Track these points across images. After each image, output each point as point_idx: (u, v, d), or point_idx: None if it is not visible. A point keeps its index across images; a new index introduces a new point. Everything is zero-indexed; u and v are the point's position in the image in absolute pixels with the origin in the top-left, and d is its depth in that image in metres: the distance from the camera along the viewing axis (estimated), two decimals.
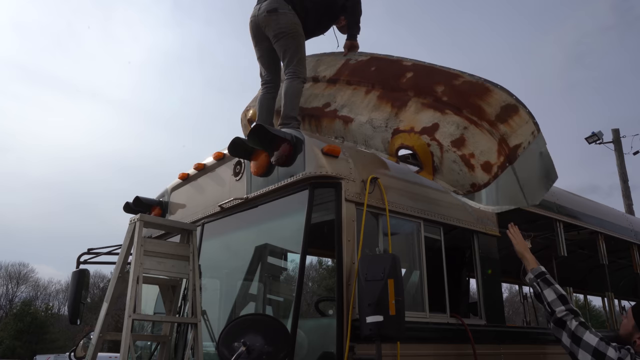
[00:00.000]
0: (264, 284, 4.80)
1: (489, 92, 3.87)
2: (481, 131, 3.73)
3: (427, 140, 3.79)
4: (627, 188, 16.27)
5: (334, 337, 3.18)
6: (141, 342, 4.89)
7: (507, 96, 3.85)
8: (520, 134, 3.75)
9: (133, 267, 3.54)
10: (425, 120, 3.88)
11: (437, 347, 3.73)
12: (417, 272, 3.88)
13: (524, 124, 3.77)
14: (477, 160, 3.66)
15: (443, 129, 3.76)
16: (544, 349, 4.61)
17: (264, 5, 4.65)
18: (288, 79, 4.60)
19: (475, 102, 3.83)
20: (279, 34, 4.60)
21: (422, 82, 4.16)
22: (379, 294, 2.91)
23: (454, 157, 3.68)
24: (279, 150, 3.63)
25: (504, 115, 3.77)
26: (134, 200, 5.05)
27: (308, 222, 3.37)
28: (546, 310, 3.45)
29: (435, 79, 4.13)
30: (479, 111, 3.79)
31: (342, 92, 4.62)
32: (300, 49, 4.70)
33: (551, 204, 5.26)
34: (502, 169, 3.68)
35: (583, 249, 6.59)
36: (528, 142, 3.73)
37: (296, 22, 4.64)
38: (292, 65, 4.60)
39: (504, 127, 3.75)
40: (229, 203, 4.14)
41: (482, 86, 3.93)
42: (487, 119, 3.76)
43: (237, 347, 2.89)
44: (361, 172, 3.63)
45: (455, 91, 3.96)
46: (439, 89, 4.01)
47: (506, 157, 3.70)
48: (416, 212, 3.85)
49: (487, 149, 3.69)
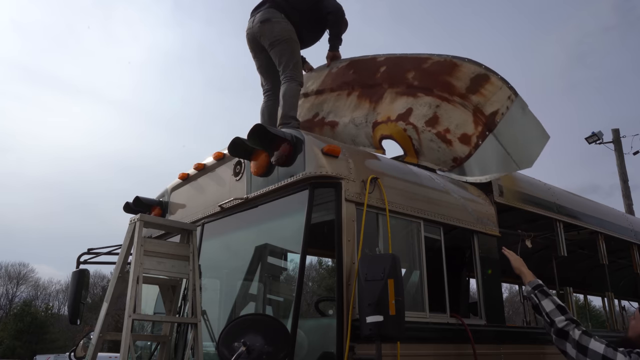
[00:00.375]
0: (264, 284, 4.80)
1: (457, 67, 3.96)
2: (453, 106, 3.83)
3: (403, 126, 3.95)
4: (627, 188, 16.27)
5: (334, 337, 3.18)
6: (141, 342, 4.89)
7: (475, 67, 3.91)
8: (495, 101, 3.77)
9: (133, 267, 3.54)
10: (399, 107, 4.03)
11: (437, 347, 3.73)
12: (417, 272, 3.88)
13: (497, 91, 3.79)
14: (454, 135, 3.76)
15: (416, 111, 3.89)
16: (544, 349, 4.61)
17: (258, 17, 4.83)
18: (285, 82, 4.71)
19: (445, 79, 3.93)
20: (274, 42, 4.75)
21: (395, 72, 4.32)
22: (379, 294, 2.91)
23: (430, 136, 3.82)
24: (279, 150, 3.63)
25: (474, 86, 3.83)
26: (134, 200, 5.05)
27: (308, 222, 3.36)
28: (545, 321, 3.42)
29: (406, 66, 4.27)
30: (449, 87, 3.89)
31: (327, 100, 4.82)
32: (295, 54, 4.83)
33: (551, 204, 5.26)
34: (482, 138, 3.74)
35: (583, 249, 6.59)
36: (506, 107, 3.76)
37: (290, 29, 4.79)
38: (289, 69, 4.73)
39: (476, 97, 3.81)
40: (229, 203, 4.14)
41: (449, 63, 4.03)
42: (458, 92, 3.85)
43: (237, 347, 2.89)
44: (361, 172, 3.63)
45: (425, 73, 4.08)
46: (410, 75, 4.15)
47: (484, 126, 3.75)
48: (416, 212, 3.85)
49: (461, 121, 3.77)
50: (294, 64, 4.77)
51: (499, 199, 4.65)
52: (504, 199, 4.73)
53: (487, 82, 3.84)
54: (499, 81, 3.85)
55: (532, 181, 5.46)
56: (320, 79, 5.20)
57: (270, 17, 4.77)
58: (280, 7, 4.86)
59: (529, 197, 5.08)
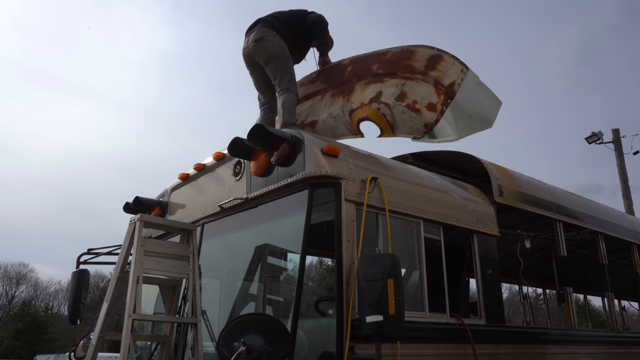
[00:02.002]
0: (263, 284, 4.80)
1: (414, 52, 4.62)
2: (416, 82, 4.47)
3: (376, 106, 4.53)
4: (627, 188, 16.26)
5: (334, 337, 3.19)
6: (141, 342, 4.89)
7: (429, 50, 4.58)
8: (451, 74, 4.43)
9: (133, 267, 3.55)
10: (370, 93, 4.63)
11: (437, 347, 3.74)
12: (417, 272, 3.88)
13: (451, 66, 4.45)
14: (421, 105, 4.38)
15: (385, 92, 4.52)
16: (544, 349, 4.62)
17: (252, 36, 5.16)
18: (282, 94, 4.99)
19: (405, 63, 4.59)
20: (268, 58, 5.08)
21: (360, 68, 4.93)
22: (378, 294, 2.91)
23: (402, 109, 4.40)
24: (278, 150, 3.64)
25: (431, 64, 4.49)
26: (133, 201, 5.06)
27: (308, 222, 3.37)
28: None
29: (370, 61, 4.89)
30: (409, 69, 4.54)
31: (303, 108, 5.28)
32: (289, 68, 5.17)
33: (551, 204, 5.26)
34: (446, 105, 4.37)
35: (583, 249, 6.60)
36: (461, 79, 4.40)
37: (282, 46, 5.12)
38: (284, 82, 5.05)
39: (434, 72, 4.46)
40: (229, 203, 4.14)
41: (406, 50, 4.68)
42: (418, 71, 4.50)
43: (237, 346, 2.89)
44: (361, 172, 3.63)
45: (387, 62, 4.72)
46: (374, 67, 4.78)
47: (445, 95, 4.38)
48: (416, 212, 3.86)
49: (426, 93, 4.40)
50: (289, 77, 5.09)
51: (498, 199, 4.65)
52: (504, 199, 4.74)
53: (441, 60, 4.48)
54: (451, 58, 4.49)
55: (532, 181, 5.46)
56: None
57: (264, 36, 5.09)
58: (273, 26, 5.19)
59: (528, 197, 5.09)
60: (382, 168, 3.93)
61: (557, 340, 4.92)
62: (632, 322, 10.88)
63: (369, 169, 3.75)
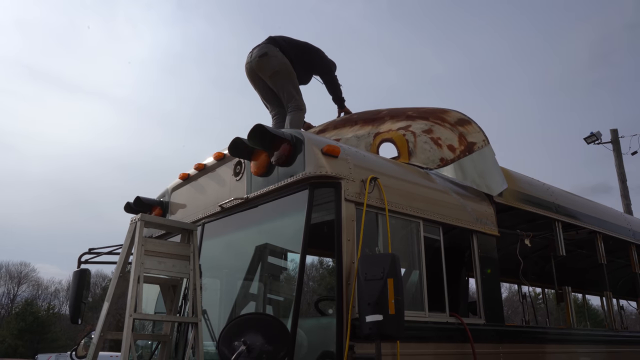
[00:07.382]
0: (264, 284, 4.82)
1: (446, 112, 5.08)
2: (444, 128, 4.88)
3: (402, 132, 4.93)
4: (625, 188, 16.27)
5: (334, 336, 3.20)
6: (142, 341, 4.91)
7: (460, 114, 5.02)
8: (474, 136, 4.81)
9: (134, 267, 3.56)
10: (400, 125, 5.06)
11: (437, 346, 3.75)
12: (417, 271, 3.90)
13: (476, 132, 4.85)
14: (444, 142, 4.75)
15: (415, 126, 4.95)
16: (543, 348, 4.64)
17: (256, 52, 5.30)
18: (291, 112, 5.20)
19: (437, 114, 5.04)
20: (273, 75, 5.25)
21: (395, 112, 5.38)
22: (378, 293, 2.93)
23: (425, 139, 4.80)
24: (278, 150, 3.65)
25: (460, 123, 4.93)
26: (134, 200, 5.07)
27: (308, 222, 3.38)
28: None
29: (405, 109, 5.34)
30: (441, 119, 4.97)
31: (332, 133, 5.58)
32: (295, 84, 5.34)
33: (550, 203, 5.28)
34: (463, 154, 4.69)
35: (582, 249, 6.61)
36: (481, 145, 4.75)
37: (286, 62, 5.28)
38: (293, 100, 5.23)
39: (461, 128, 4.87)
40: (229, 203, 4.16)
41: (441, 109, 5.13)
42: (448, 122, 4.93)
43: (237, 346, 2.91)
44: (361, 172, 3.65)
45: (421, 111, 5.18)
46: (409, 112, 5.23)
47: (466, 147, 4.73)
48: (415, 212, 3.87)
49: (450, 137, 4.80)
50: (295, 93, 5.27)
51: (498, 199, 4.67)
52: (503, 199, 4.75)
53: (469, 124, 4.91)
54: (477, 127, 4.88)
55: (531, 181, 5.48)
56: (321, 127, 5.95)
57: (268, 52, 5.22)
58: (277, 43, 5.32)
59: (527, 197, 5.11)
60: (382, 168, 3.95)
61: (556, 339, 4.94)
62: (630, 322, 10.88)
63: (369, 169, 3.76)
